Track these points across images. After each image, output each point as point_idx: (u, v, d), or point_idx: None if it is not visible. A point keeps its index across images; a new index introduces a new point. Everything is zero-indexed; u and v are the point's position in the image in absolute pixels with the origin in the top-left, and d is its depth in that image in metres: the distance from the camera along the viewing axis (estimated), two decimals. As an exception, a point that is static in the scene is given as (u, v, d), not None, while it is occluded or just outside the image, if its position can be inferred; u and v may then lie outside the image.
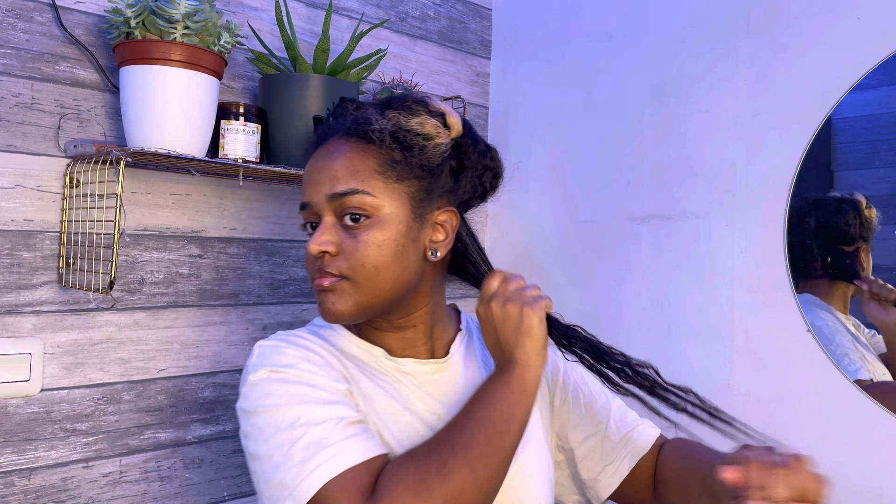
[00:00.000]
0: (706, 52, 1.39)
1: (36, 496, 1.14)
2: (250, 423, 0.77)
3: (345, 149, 0.82)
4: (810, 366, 1.23)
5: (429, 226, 0.84)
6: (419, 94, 0.87)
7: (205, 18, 1.10)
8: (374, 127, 0.82)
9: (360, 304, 0.80)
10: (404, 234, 0.81)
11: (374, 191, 0.80)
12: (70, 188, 1.15)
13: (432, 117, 0.84)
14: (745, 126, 1.33)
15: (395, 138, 0.81)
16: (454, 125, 0.86)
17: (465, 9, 1.74)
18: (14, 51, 1.12)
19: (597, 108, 1.56)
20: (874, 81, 1.18)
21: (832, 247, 1.24)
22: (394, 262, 0.80)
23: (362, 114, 0.85)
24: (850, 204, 1.22)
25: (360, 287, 0.80)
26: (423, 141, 0.82)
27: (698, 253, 1.38)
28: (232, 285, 1.35)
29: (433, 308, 0.89)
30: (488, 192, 0.92)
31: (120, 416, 1.22)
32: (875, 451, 1.16)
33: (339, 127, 0.86)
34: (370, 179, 0.80)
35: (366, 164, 0.81)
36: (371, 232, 0.80)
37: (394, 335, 0.88)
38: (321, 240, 0.80)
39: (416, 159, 0.82)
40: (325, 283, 0.80)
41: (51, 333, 1.15)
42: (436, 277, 0.88)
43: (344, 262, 0.80)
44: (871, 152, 1.21)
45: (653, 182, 1.46)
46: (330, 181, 0.81)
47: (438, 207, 0.85)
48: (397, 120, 0.83)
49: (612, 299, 1.50)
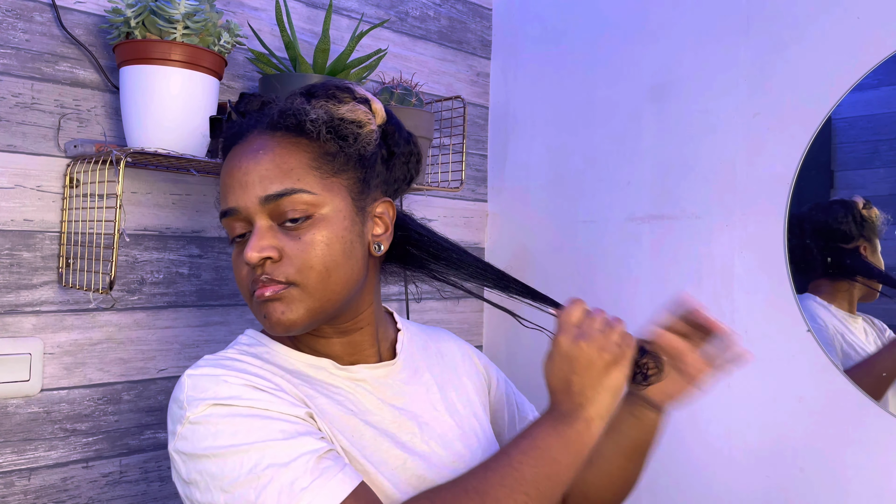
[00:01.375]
0: (706, 52, 1.39)
1: (36, 496, 1.14)
2: (197, 469, 0.66)
3: (271, 145, 0.75)
4: (810, 366, 1.23)
5: (369, 219, 0.79)
6: (339, 81, 0.81)
7: (205, 18, 1.10)
8: (309, 117, 0.75)
9: (311, 310, 0.74)
10: (349, 230, 0.76)
11: (313, 188, 0.74)
12: (70, 188, 1.15)
13: (359, 104, 0.79)
14: (745, 126, 1.33)
15: (330, 128, 0.76)
16: (378, 111, 0.81)
17: (465, 9, 1.74)
18: (14, 51, 1.12)
19: (597, 108, 1.56)
20: (874, 81, 1.18)
21: (831, 246, 1.24)
22: (343, 261, 0.75)
23: (289, 104, 0.77)
24: (840, 204, 1.23)
25: (310, 292, 0.73)
26: (357, 129, 0.77)
27: (698, 253, 1.38)
28: (232, 285, 1.35)
29: (376, 307, 0.85)
30: (414, 177, 0.87)
31: (120, 416, 1.22)
32: (875, 451, 1.16)
33: (259, 121, 0.78)
34: (305, 176, 0.74)
35: (298, 159, 0.74)
36: (315, 231, 0.73)
37: (340, 341, 0.81)
38: (260, 245, 0.72)
39: (352, 149, 0.77)
40: (268, 292, 0.72)
41: (51, 333, 1.16)
42: (377, 275, 0.84)
43: (290, 266, 0.73)
44: (871, 152, 1.21)
45: (653, 182, 1.46)
46: (260, 182, 0.73)
47: (375, 199, 0.80)
48: (328, 108, 0.76)
49: (612, 299, 1.50)
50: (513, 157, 1.73)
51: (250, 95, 0.83)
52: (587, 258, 1.56)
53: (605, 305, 1.53)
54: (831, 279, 1.25)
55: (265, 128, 0.77)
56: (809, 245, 1.26)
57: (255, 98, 0.82)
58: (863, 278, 1.23)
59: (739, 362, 0.80)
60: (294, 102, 0.77)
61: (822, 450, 1.22)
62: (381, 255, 0.81)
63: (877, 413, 1.16)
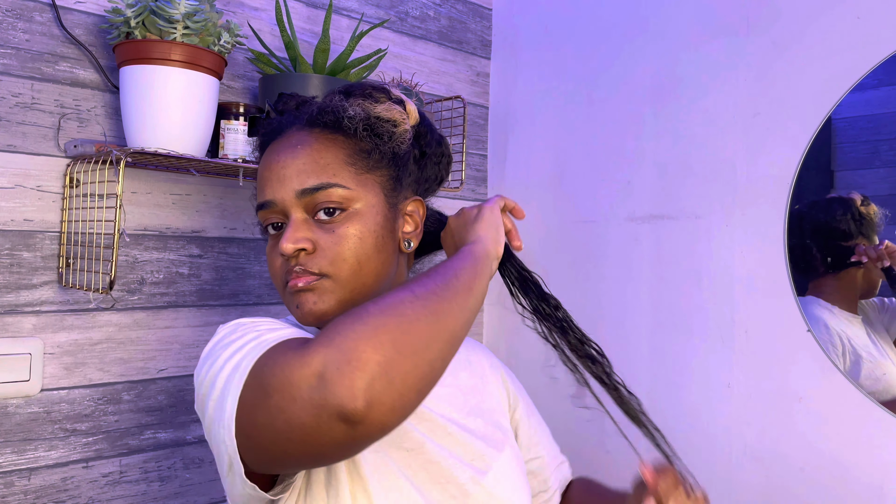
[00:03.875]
0: (706, 52, 1.39)
1: (36, 496, 1.14)
2: (201, 364, 0.68)
3: (309, 140, 0.78)
4: (810, 366, 1.23)
5: (401, 216, 0.82)
6: (375, 82, 0.84)
7: (205, 18, 1.10)
8: (346, 114, 0.78)
9: (342, 301, 0.76)
10: (382, 225, 0.78)
11: (347, 183, 0.76)
12: (70, 188, 1.15)
13: (395, 104, 0.82)
14: (745, 126, 1.33)
15: (366, 126, 0.78)
16: (412, 112, 0.84)
17: (465, 9, 1.74)
18: (14, 51, 1.12)
19: (597, 107, 1.56)
20: (874, 81, 1.18)
21: (830, 244, 1.24)
22: (375, 255, 0.77)
23: (327, 103, 0.80)
24: (839, 201, 1.23)
25: (342, 283, 0.75)
26: (392, 128, 0.80)
27: (698, 253, 1.38)
28: (232, 285, 1.35)
29: None
30: (444, 178, 0.91)
31: (120, 416, 1.22)
32: (875, 451, 1.16)
33: (297, 118, 0.81)
34: (341, 171, 0.77)
35: (334, 155, 0.77)
36: (349, 224, 0.76)
37: None
38: (296, 237, 0.74)
39: (387, 147, 0.79)
40: (301, 283, 0.75)
41: (51, 333, 1.15)
42: (405, 270, 0.86)
43: (323, 258, 0.75)
44: (871, 152, 1.21)
45: (653, 182, 1.46)
46: (297, 176, 0.76)
47: (406, 197, 0.83)
48: (365, 107, 0.79)
49: (612, 299, 1.50)
50: (513, 157, 1.73)
51: (289, 95, 0.86)
52: (587, 258, 1.56)
53: (604, 305, 1.54)
54: (834, 277, 1.25)
55: (303, 124, 0.80)
56: (809, 244, 1.26)
57: (293, 97, 0.85)
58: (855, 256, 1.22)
59: None
60: (332, 100, 0.80)
61: (822, 450, 1.22)
62: (410, 251, 0.84)
63: (877, 413, 1.16)
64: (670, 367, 1.42)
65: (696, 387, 1.38)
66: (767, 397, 1.28)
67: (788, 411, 1.26)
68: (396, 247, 0.81)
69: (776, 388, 1.27)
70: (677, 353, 1.40)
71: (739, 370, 1.32)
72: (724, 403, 1.34)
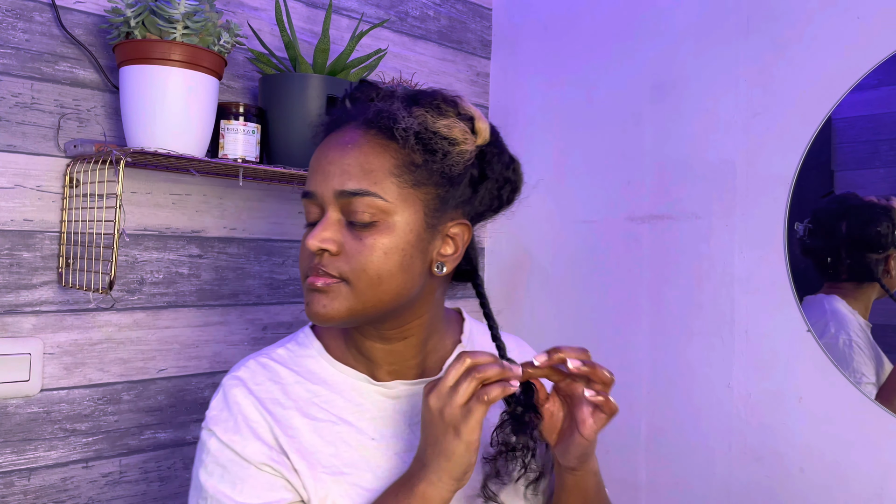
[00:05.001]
0: (706, 52, 1.39)
1: (36, 496, 1.14)
2: (196, 464, 0.80)
3: (361, 141, 0.75)
4: (810, 366, 1.23)
5: (439, 237, 0.78)
6: (450, 93, 0.79)
7: (205, 18, 1.10)
8: (399, 124, 0.74)
9: (352, 310, 0.75)
10: (413, 244, 0.75)
11: (387, 194, 0.74)
12: (70, 188, 1.15)
13: (461, 120, 0.77)
14: (745, 126, 1.33)
15: (420, 139, 0.75)
16: (482, 131, 0.79)
17: (465, 9, 1.74)
18: (14, 51, 1.12)
19: (597, 107, 1.56)
20: (874, 81, 1.18)
21: (862, 253, 1.21)
22: (398, 273, 0.74)
23: (387, 105, 0.77)
24: (883, 211, 1.18)
25: (357, 293, 0.74)
26: (449, 146, 0.75)
27: (698, 253, 1.38)
28: (232, 285, 1.35)
29: (429, 319, 0.83)
30: (503, 206, 0.85)
31: (120, 417, 1.22)
32: (875, 451, 1.16)
33: (358, 114, 0.78)
34: (384, 181, 0.74)
35: (382, 162, 0.74)
36: (378, 236, 0.74)
37: (381, 347, 0.81)
38: (322, 236, 0.74)
39: (438, 165, 0.75)
40: (318, 283, 0.74)
41: (50, 333, 1.15)
42: (437, 290, 0.82)
43: (345, 263, 0.74)
44: (871, 152, 1.20)
45: (653, 182, 1.46)
46: (340, 175, 0.74)
47: (452, 219, 0.78)
48: (424, 119, 0.75)
49: (612, 299, 1.50)
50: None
51: (368, 84, 0.82)
52: (587, 258, 1.56)
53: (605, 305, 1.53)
54: (858, 283, 1.22)
55: (361, 123, 0.77)
56: (837, 248, 1.22)
57: (373, 88, 0.81)
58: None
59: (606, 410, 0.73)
60: (392, 105, 0.77)
61: (822, 450, 1.22)
62: (441, 275, 0.79)
63: (877, 413, 1.16)
64: (670, 367, 1.42)
65: (696, 387, 1.38)
66: (767, 397, 1.28)
67: (788, 411, 1.26)
68: (427, 268, 0.78)
69: (776, 388, 1.27)
70: (677, 353, 1.40)
71: (739, 370, 1.32)
72: (724, 403, 1.34)
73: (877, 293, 1.21)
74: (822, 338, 1.22)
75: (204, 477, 0.78)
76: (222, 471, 0.77)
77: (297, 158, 1.25)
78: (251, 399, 0.79)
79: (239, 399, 0.79)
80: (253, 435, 0.77)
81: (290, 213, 1.43)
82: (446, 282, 0.84)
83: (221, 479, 0.77)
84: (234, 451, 0.77)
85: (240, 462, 0.77)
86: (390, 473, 0.78)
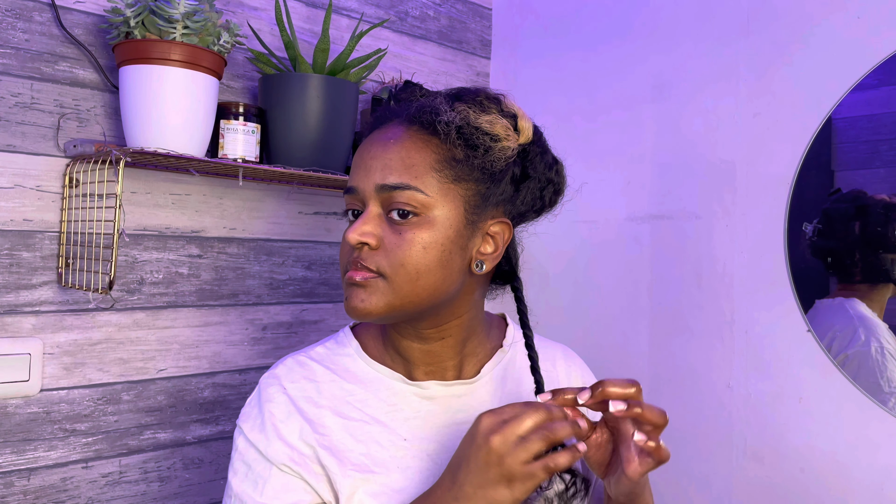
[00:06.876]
0: (706, 52, 1.39)
1: (35, 496, 1.14)
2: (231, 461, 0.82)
3: (403, 136, 0.76)
4: (810, 366, 1.23)
5: (479, 235, 0.78)
6: (494, 91, 0.80)
7: (204, 18, 1.10)
8: (441, 118, 0.75)
9: (391, 305, 0.74)
10: (453, 240, 0.75)
11: (428, 189, 0.74)
12: (69, 188, 1.15)
13: (504, 117, 0.78)
14: (745, 126, 1.33)
15: (461, 134, 0.75)
16: (525, 129, 0.79)
17: (465, 9, 1.74)
18: (14, 51, 1.11)
19: (597, 107, 1.56)
20: (874, 81, 1.18)
21: (877, 253, 1.19)
22: (436, 268, 0.74)
23: (429, 101, 0.78)
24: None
25: (395, 288, 0.74)
26: (491, 142, 0.76)
27: (698, 253, 1.38)
28: (231, 285, 1.35)
29: (468, 321, 0.82)
30: (545, 207, 0.85)
31: (119, 417, 1.22)
32: (875, 451, 1.16)
33: (402, 111, 0.79)
34: (425, 175, 0.74)
35: (423, 157, 0.75)
36: (418, 231, 0.74)
37: (419, 346, 0.81)
38: (363, 230, 0.74)
39: (479, 161, 0.76)
40: (357, 277, 0.74)
41: (50, 333, 1.15)
42: (477, 290, 0.82)
43: (384, 258, 0.74)
44: (871, 152, 1.20)
45: (653, 182, 1.46)
46: (382, 170, 0.75)
47: (493, 217, 0.79)
48: (467, 114, 0.76)
49: (613, 299, 1.50)
50: (513, 157, 1.73)
51: (413, 84, 0.84)
52: (587, 258, 1.56)
53: (605, 306, 1.53)
54: (872, 283, 1.19)
55: (403, 119, 0.78)
56: (851, 248, 1.20)
57: (415, 87, 0.83)
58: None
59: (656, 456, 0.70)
60: (435, 101, 0.78)
61: (822, 450, 1.22)
62: (481, 273, 0.79)
63: (877, 413, 1.16)
64: (670, 367, 1.42)
65: (696, 387, 1.38)
66: (767, 397, 1.28)
67: (788, 411, 1.26)
68: (466, 266, 0.77)
69: (776, 388, 1.27)
70: (677, 353, 1.40)
71: (739, 370, 1.32)
72: (724, 403, 1.34)
73: (891, 293, 1.19)
74: (852, 346, 1.19)
75: (231, 474, 0.80)
76: (246, 469, 0.78)
77: (296, 158, 1.25)
78: (284, 397, 0.80)
79: (271, 397, 0.80)
80: (276, 435, 0.78)
81: (290, 213, 1.43)
82: (486, 282, 0.84)
83: (245, 477, 0.78)
84: (258, 450, 0.78)
85: (262, 461, 0.77)
86: (420, 474, 0.78)
